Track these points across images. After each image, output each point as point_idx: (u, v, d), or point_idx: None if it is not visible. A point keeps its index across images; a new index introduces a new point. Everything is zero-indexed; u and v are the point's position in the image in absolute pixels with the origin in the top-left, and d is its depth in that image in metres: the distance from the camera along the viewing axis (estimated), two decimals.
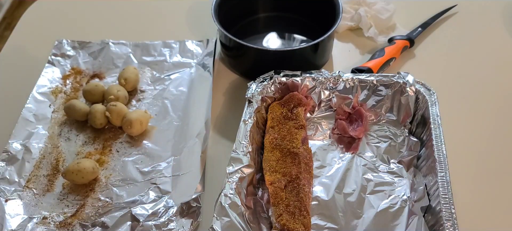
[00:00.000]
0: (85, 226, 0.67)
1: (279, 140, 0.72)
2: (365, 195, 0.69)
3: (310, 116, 0.81)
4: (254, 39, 0.96)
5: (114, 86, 0.84)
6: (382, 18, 0.97)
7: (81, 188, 0.73)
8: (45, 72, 0.89)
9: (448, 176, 0.64)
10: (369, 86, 0.79)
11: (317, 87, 0.80)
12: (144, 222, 0.67)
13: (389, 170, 0.72)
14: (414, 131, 0.76)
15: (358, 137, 0.76)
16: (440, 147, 0.68)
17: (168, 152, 0.77)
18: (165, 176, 0.73)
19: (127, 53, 0.94)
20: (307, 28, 0.97)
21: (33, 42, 0.98)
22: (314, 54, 0.87)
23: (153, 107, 0.85)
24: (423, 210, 0.65)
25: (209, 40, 0.94)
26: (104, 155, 0.77)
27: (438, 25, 1.02)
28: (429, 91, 0.76)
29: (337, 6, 0.89)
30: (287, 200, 0.65)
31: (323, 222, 0.66)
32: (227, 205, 0.62)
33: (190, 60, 0.92)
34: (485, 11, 1.05)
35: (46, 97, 0.86)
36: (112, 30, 1.00)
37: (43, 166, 0.76)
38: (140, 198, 0.71)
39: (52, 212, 0.70)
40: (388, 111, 0.79)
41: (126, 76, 0.85)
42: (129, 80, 0.85)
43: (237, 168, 0.66)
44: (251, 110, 0.74)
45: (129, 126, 0.78)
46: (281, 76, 0.79)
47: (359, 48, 0.97)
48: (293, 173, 0.67)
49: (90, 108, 0.81)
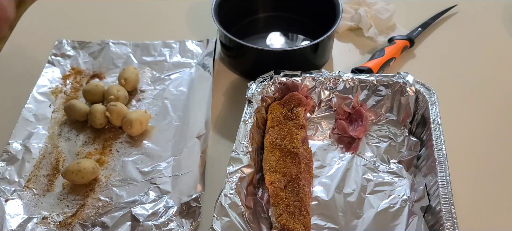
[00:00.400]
0: (85, 226, 0.67)
1: (279, 140, 0.72)
2: (365, 195, 0.69)
3: (310, 116, 0.81)
4: (254, 39, 0.96)
5: (114, 86, 0.84)
6: (382, 18, 0.97)
7: (81, 188, 0.73)
8: (45, 72, 0.89)
9: (448, 176, 0.64)
10: (369, 86, 0.79)
11: (317, 87, 0.80)
12: (144, 222, 0.67)
13: (389, 170, 0.72)
14: (414, 131, 0.76)
15: (358, 137, 0.76)
16: (440, 147, 0.68)
17: (168, 152, 0.77)
18: (165, 176, 0.73)
19: (127, 53, 0.94)
20: (307, 28, 0.97)
21: (33, 42, 0.98)
22: (314, 54, 0.87)
23: (153, 107, 0.85)
24: (423, 210, 0.65)
25: (209, 40, 0.94)
26: (104, 155, 0.77)
27: (438, 25, 1.02)
28: (429, 91, 0.76)
29: (337, 6, 0.89)
30: (287, 200, 0.65)
31: (323, 222, 0.66)
32: (227, 205, 0.62)
33: (190, 60, 0.92)
34: (485, 11, 1.05)
35: (46, 97, 0.86)
36: (112, 30, 1.00)
37: (43, 166, 0.76)
38: (140, 198, 0.71)
39: (52, 212, 0.70)
40: (388, 111, 0.79)
41: (126, 76, 0.85)
42: (129, 80, 0.85)
43: (237, 168, 0.66)
44: (251, 110, 0.74)
45: (129, 126, 0.78)
46: (281, 76, 0.79)
47: (359, 48, 0.97)
48: (293, 173, 0.67)
49: (90, 108, 0.81)
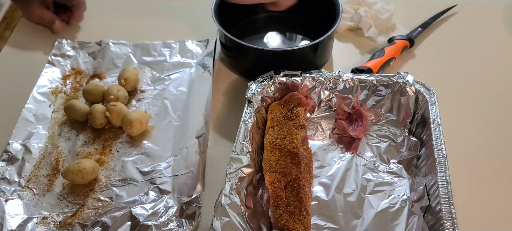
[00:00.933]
0: (85, 226, 0.67)
1: (279, 140, 0.72)
2: (365, 195, 0.69)
3: (310, 116, 0.81)
4: (254, 39, 0.96)
5: (114, 86, 0.84)
6: (382, 18, 0.97)
7: (81, 188, 0.73)
8: (45, 72, 0.89)
9: (448, 176, 0.64)
10: (369, 86, 0.79)
11: (317, 87, 0.80)
12: (144, 222, 0.67)
13: (389, 170, 0.72)
14: (414, 131, 0.76)
15: (358, 137, 0.76)
16: (440, 147, 0.68)
17: (168, 152, 0.77)
18: (165, 176, 0.73)
19: (127, 53, 0.94)
20: (307, 28, 0.97)
21: (33, 42, 0.98)
22: (314, 54, 0.87)
23: (153, 107, 0.85)
24: (423, 210, 0.65)
25: (209, 40, 0.94)
26: (104, 155, 0.77)
27: (438, 25, 1.02)
28: (429, 91, 0.76)
29: (337, 6, 0.89)
30: (287, 200, 0.65)
31: (323, 222, 0.66)
32: (227, 205, 0.62)
33: (190, 60, 0.92)
34: (485, 11, 1.05)
35: (46, 97, 0.86)
36: (112, 30, 1.00)
37: (43, 166, 0.76)
38: (140, 198, 0.70)
39: (52, 212, 0.70)
40: (388, 111, 0.79)
41: (126, 76, 0.85)
42: (129, 80, 0.85)
43: (237, 168, 0.66)
44: (251, 110, 0.74)
45: (129, 126, 0.78)
46: (281, 76, 0.79)
47: (359, 48, 0.97)
48: (293, 173, 0.67)
49: (90, 108, 0.81)
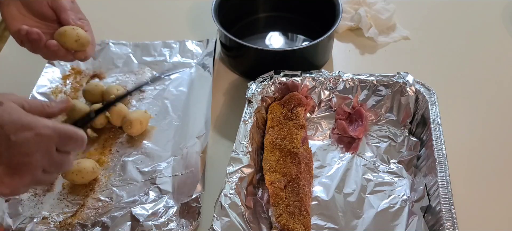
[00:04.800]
0: (85, 226, 0.67)
1: (279, 140, 0.72)
2: (365, 195, 0.69)
3: (310, 116, 0.81)
4: (254, 39, 0.96)
5: (114, 86, 0.84)
6: (382, 18, 0.97)
7: (81, 188, 0.73)
8: (45, 72, 0.89)
9: (448, 176, 0.64)
10: (369, 86, 0.79)
11: (317, 87, 0.80)
12: (144, 222, 0.67)
13: (389, 170, 0.72)
14: (414, 131, 0.76)
15: (358, 137, 0.76)
16: (440, 147, 0.68)
17: (168, 152, 0.77)
18: (165, 176, 0.73)
19: (127, 53, 0.94)
20: (307, 28, 0.97)
21: None
22: (314, 54, 0.87)
23: (153, 107, 0.85)
24: (423, 210, 0.65)
25: (209, 40, 0.94)
26: (104, 155, 0.77)
27: (438, 25, 1.02)
28: (429, 91, 0.76)
29: (337, 6, 0.89)
30: (287, 200, 0.65)
31: (323, 222, 0.66)
32: (227, 205, 0.62)
33: (190, 60, 0.92)
34: (485, 11, 1.05)
35: (46, 97, 0.85)
36: (112, 30, 1.00)
37: None
38: (140, 198, 0.71)
39: (52, 212, 0.70)
40: (388, 111, 0.79)
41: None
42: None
43: (237, 168, 0.66)
44: (251, 110, 0.74)
45: (129, 126, 0.78)
46: (281, 76, 0.79)
47: (359, 48, 0.97)
48: (293, 173, 0.67)
49: (90, 109, 0.81)
